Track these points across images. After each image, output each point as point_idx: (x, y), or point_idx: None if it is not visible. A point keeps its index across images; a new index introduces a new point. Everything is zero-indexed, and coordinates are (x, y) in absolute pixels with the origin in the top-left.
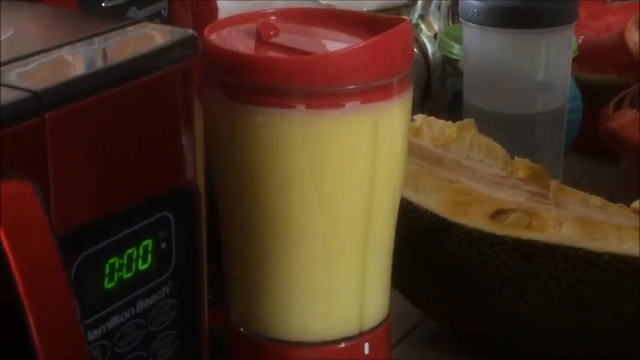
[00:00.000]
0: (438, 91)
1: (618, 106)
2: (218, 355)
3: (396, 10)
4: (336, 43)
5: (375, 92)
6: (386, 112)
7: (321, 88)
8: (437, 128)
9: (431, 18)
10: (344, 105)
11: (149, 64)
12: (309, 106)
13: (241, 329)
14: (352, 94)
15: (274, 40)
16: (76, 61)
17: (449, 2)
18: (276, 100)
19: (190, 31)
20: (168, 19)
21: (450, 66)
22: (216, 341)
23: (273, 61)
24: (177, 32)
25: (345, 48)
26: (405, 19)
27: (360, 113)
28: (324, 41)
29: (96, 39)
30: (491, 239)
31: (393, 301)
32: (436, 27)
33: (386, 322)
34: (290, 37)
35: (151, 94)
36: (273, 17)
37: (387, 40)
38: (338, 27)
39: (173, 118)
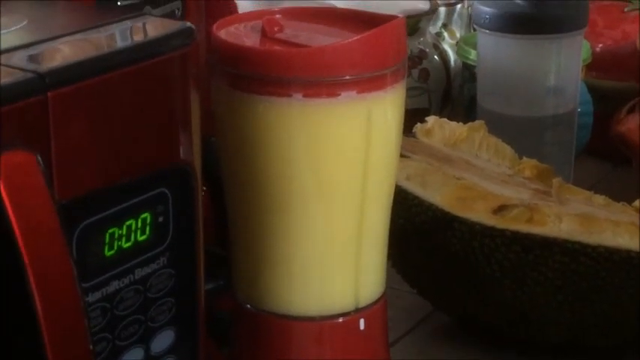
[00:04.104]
0: (458, 97)
1: (630, 112)
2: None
3: (417, 18)
4: (335, 39)
5: (369, 83)
6: (379, 102)
7: (318, 78)
8: (448, 129)
9: (454, 27)
10: (339, 94)
11: (147, 52)
12: (306, 95)
13: (247, 305)
14: (347, 84)
15: (278, 35)
16: (78, 48)
17: (470, 11)
18: (276, 89)
19: (187, 24)
20: (182, 18)
21: (468, 71)
22: (225, 324)
23: (273, 53)
24: (175, 24)
25: (340, 41)
26: (399, 17)
27: (355, 102)
28: (325, 37)
29: (100, 29)
30: (492, 232)
31: (403, 294)
32: (459, 35)
33: (381, 301)
34: (293, 32)
35: (150, 79)
36: (278, 15)
37: (380, 34)
38: (339, 24)
39: (170, 102)
